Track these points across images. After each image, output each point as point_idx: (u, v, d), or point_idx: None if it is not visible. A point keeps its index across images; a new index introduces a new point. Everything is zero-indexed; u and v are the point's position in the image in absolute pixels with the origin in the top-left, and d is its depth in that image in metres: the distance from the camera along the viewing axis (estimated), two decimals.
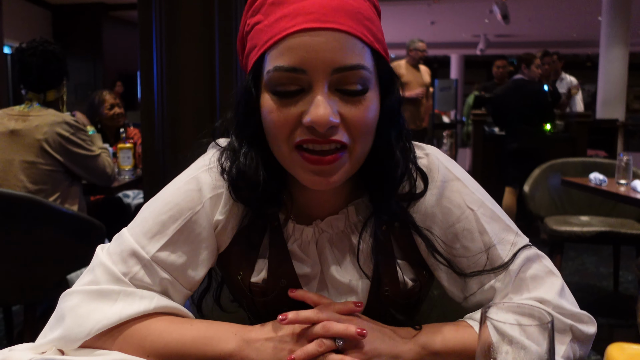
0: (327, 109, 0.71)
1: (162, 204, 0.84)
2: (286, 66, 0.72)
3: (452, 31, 14.18)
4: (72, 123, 2.39)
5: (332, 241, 0.88)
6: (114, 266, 0.80)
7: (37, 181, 2.32)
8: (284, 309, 0.84)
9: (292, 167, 0.77)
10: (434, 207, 0.86)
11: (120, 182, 2.89)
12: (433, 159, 0.88)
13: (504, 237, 0.85)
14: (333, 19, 0.72)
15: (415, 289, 0.88)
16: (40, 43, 2.44)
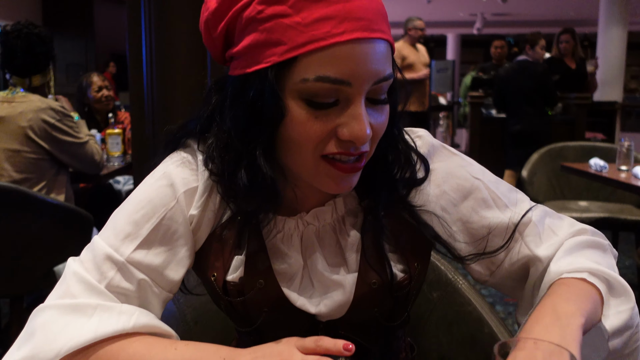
0: (367, 124, 0.68)
1: (134, 203, 0.79)
2: (332, 77, 0.66)
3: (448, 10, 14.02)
4: (57, 109, 2.30)
5: (319, 234, 0.83)
6: (88, 274, 0.73)
7: (22, 170, 2.25)
8: (264, 311, 0.81)
9: (313, 175, 0.73)
10: (442, 185, 0.84)
11: (110, 169, 2.82)
12: (428, 140, 0.86)
13: (514, 197, 0.85)
14: (379, 27, 0.68)
15: (404, 281, 0.83)
16: (25, 25, 2.35)
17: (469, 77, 6.97)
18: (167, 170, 0.81)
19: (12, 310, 2.25)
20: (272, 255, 0.82)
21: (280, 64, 0.67)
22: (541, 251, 0.81)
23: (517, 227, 0.83)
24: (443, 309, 1.13)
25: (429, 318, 1.15)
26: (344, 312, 0.82)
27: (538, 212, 0.84)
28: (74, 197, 2.54)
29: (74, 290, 0.72)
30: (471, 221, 0.84)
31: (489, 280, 0.87)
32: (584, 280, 0.73)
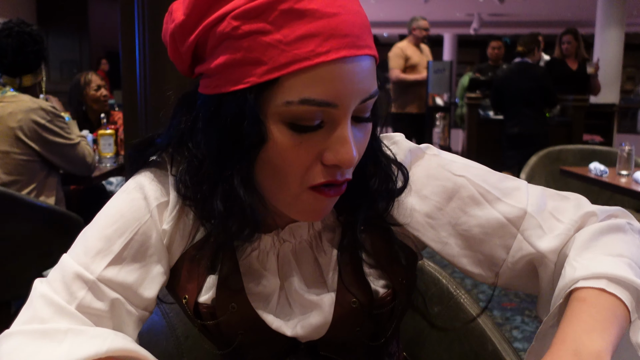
0: (354, 147, 0.64)
1: (105, 218, 0.73)
2: (318, 100, 0.61)
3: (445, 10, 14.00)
4: (48, 109, 2.25)
5: (295, 252, 0.78)
6: (56, 295, 0.68)
7: (11, 172, 2.20)
8: (239, 333, 0.77)
9: (293, 205, 0.68)
10: (422, 190, 0.78)
11: (102, 170, 2.76)
12: (405, 145, 0.80)
13: (506, 186, 0.77)
14: (364, 42, 0.63)
15: (387, 297, 0.78)
16: (17, 24, 2.30)
17: (466, 77, 6.94)
18: (140, 183, 0.76)
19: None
20: (246, 275, 0.77)
21: (260, 86, 0.62)
22: (544, 244, 0.73)
23: (513, 221, 0.75)
24: (443, 324, 1.09)
25: (429, 334, 1.11)
26: (322, 333, 0.78)
27: (535, 198, 0.76)
28: (64, 200, 2.48)
29: (42, 313, 0.67)
30: (460, 222, 0.77)
31: (497, 282, 0.79)
32: (603, 292, 0.63)
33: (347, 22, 0.62)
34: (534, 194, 0.76)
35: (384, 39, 20.71)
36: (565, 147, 3.68)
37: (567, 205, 0.76)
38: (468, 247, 0.78)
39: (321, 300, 0.76)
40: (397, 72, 5.68)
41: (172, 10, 0.68)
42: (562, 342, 0.60)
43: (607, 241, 0.70)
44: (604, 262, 0.66)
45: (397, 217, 0.78)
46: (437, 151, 0.81)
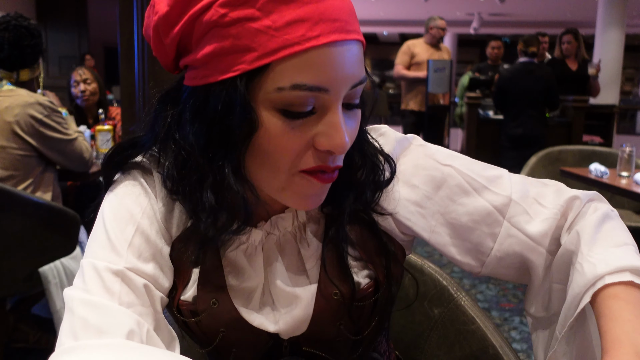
0: (346, 132, 0.64)
1: (111, 213, 0.72)
2: (309, 85, 0.60)
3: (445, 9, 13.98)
4: (46, 104, 2.23)
5: (280, 244, 0.77)
6: (95, 297, 0.64)
7: (7, 167, 2.17)
8: (220, 331, 0.76)
9: (283, 190, 0.67)
10: (412, 179, 0.79)
11: (99, 166, 2.73)
12: (392, 136, 0.81)
13: (490, 174, 0.79)
14: (353, 27, 0.64)
15: (369, 288, 0.78)
16: (14, 17, 2.27)
17: (466, 77, 6.91)
18: (131, 177, 0.75)
19: None
20: (229, 270, 0.76)
21: (251, 73, 0.61)
22: (534, 229, 0.74)
23: (499, 209, 0.76)
24: (444, 327, 1.07)
25: (429, 336, 1.09)
26: (304, 328, 0.77)
27: (518, 185, 0.78)
28: (61, 196, 2.46)
29: (93, 320, 0.62)
30: (449, 211, 0.77)
31: (482, 271, 0.79)
32: (630, 285, 0.63)
33: (335, 7, 0.62)
34: (516, 181, 0.78)
35: (383, 37, 20.68)
36: (565, 148, 3.67)
37: (549, 190, 0.78)
38: (457, 236, 0.78)
39: (302, 292, 0.76)
40: (400, 67, 5.68)
41: (155, 3, 0.66)
42: (619, 344, 0.58)
43: (608, 232, 0.70)
44: (618, 255, 0.66)
45: (386, 207, 0.78)
46: (422, 142, 0.82)
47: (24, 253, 2.07)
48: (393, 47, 12.97)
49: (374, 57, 22.52)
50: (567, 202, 0.75)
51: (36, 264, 2.09)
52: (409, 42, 5.81)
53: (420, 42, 5.71)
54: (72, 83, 3.40)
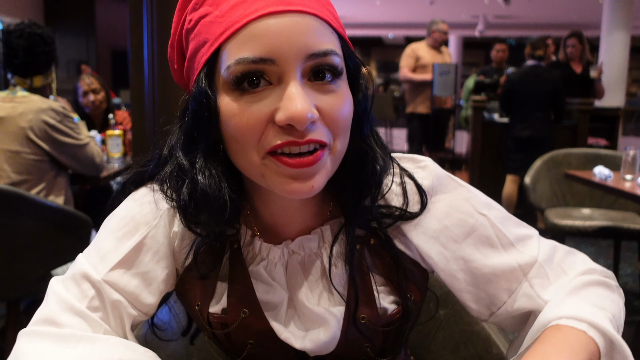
0: (304, 102, 0.61)
1: (117, 220, 0.76)
2: (251, 57, 0.62)
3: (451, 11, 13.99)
4: (58, 110, 2.27)
5: (304, 264, 0.79)
6: (69, 294, 0.71)
7: (21, 171, 2.22)
8: (249, 343, 0.78)
9: (264, 176, 0.67)
10: (444, 220, 0.78)
11: (110, 170, 2.78)
12: (433, 170, 0.80)
13: (521, 233, 0.80)
14: (299, 1, 0.64)
15: (396, 315, 0.79)
16: (28, 25, 2.32)
17: (471, 80, 6.93)
18: (150, 189, 0.78)
19: (8, 313, 2.22)
20: (255, 283, 0.78)
21: (208, 62, 0.66)
22: (548, 294, 0.76)
23: (523, 267, 0.77)
24: (450, 328, 1.11)
25: (435, 337, 1.12)
26: (331, 348, 0.78)
27: (546, 249, 0.79)
28: (73, 199, 2.51)
29: (56, 312, 0.70)
30: (472, 259, 0.77)
31: (488, 320, 0.81)
32: (581, 332, 0.67)
33: None
34: (545, 244, 0.80)
35: (389, 40, 20.69)
36: (570, 151, 3.68)
37: (575, 259, 0.80)
38: (474, 285, 0.78)
39: (330, 314, 0.76)
40: (405, 70, 5.71)
41: None
42: (531, 355, 0.64)
43: (594, 293, 0.74)
44: (587, 310, 0.70)
45: (416, 239, 0.78)
46: (463, 182, 0.82)
47: (37, 255, 2.11)
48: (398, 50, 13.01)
49: (380, 59, 22.52)
50: (585, 272, 0.78)
51: (49, 266, 2.13)
52: (412, 45, 5.84)
53: (423, 45, 5.75)
54: (80, 93, 3.44)
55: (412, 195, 0.78)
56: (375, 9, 13.91)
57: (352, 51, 0.71)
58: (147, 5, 2.32)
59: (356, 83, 0.72)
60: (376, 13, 14.68)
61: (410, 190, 0.78)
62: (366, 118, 0.73)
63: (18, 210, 2.03)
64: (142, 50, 2.38)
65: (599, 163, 3.34)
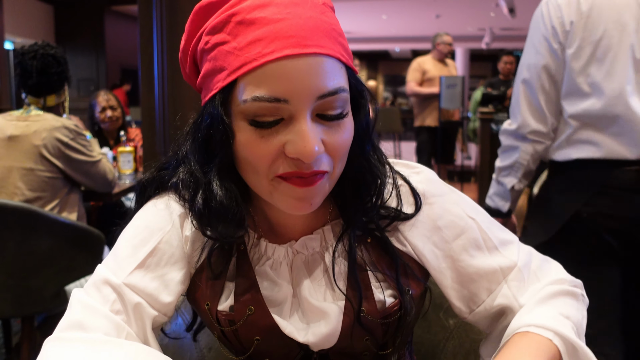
0: (313, 140, 0.67)
1: (132, 229, 0.81)
2: (267, 96, 0.67)
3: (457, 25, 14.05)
4: (71, 128, 2.32)
5: (308, 263, 0.84)
6: (91, 299, 0.75)
7: (35, 188, 2.26)
8: (255, 339, 0.82)
9: (271, 194, 0.74)
10: (437, 220, 0.84)
11: (121, 187, 2.82)
12: (427, 175, 0.87)
13: (504, 238, 0.87)
14: (313, 42, 0.68)
15: (394, 307, 0.83)
16: (42, 46, 2.37)
17: (478, 92, 6.95)
18: (165, 197, 0.84)
19: (23, 328, 2.25)
20: (261, 282, 0.83)
21: (225, 89, 0.70)
22: (523, 298, 0.83)
23: (503, 270, 0.84)
24: (460, 337, 1.12)
25: (445, 346, 1.13)
26: (333, 341, 0.82)
27: (524, 255, 0.86)
28: (86, 216, 2.54)
29: (80, 317, 0.73)
30: (460, 259, 0.84)
31: (467, 317, 0.88)
32: (546, 339, 0.75)
33: (293, 25, 0.67)
34: (523, 250, 0.87)
35: (396, 54, 20.78)
36: None
37: (549, 267, 0.88)
38: (459, 282, 0.85)
39: (330, 308, 0.81)
40: (412, 84, 5.74)
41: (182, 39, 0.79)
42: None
43: (562, 303, 0.81)
44: (553, 318, 0.77)
45: (411, 238, 0.84)
46: (454, 188, 0.89)
47: (51, 271, 2.14)
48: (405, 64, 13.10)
49: (386, 73, 22.61)
50: (557, 282, 0.85)
51: (63, 282, 2.16)
52: (418, 59, 5.89)
53: (429, 59, 5.79)
54: (97, 109, 3.51)
55: (406, 198, 0.84)
56: (381, 23, 14.00)
57: (356, 76, 0.76)
58: (157, 24, 2.37)
59: (358, 104, 0.77)
60: (383, 27, 14.77)
61: (406, 193, 0.84)
62: (367, 137, 0.78)
63: (33, 227, 2.07)
64: (153, 68, 2.42)
65: None
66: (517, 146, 1.74)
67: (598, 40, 1.52)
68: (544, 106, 1.64)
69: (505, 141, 1.79)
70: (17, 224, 2.03)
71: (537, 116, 1.66)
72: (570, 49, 1.56)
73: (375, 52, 20.33)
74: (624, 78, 1.50)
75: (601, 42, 1.51)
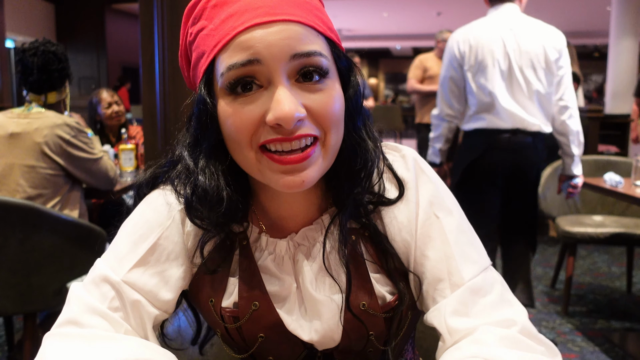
0: (291, 103, 0.67)
1: (132, 224, 0.81)
2: (240, 61, 0.68)
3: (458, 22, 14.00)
4: (73, 125, 2.32)
5: (309, 254, 0.83)
6: (89, 295, 0.75)
7: (37, 185, 2.26)
8: (259, 337, 0.81)
9: (260, 172, 0.72)
10: (412, 209, 0.81)
11: (123, 184, 2.82)
12: (409, 159, 0.84)
13: (467, 252, 0.78)
14: (282, 11, 0.69)
15: (394, 302, 0.82)
16: (42, 43, 2.37)
17: None
18: (161, 193, 0.83)
19: (25, 326, 2.25)
20: (265, 277, 0.82)
21: (206, 72, 0.72)
22: (454, 323, 0.73)
23: (451, 284, 0.76)
24: None
25: None
26: (337, 339, 0.81)
27: (483, 282, 0.76)
28: (87, 213, 2.54)
29: (78, 314, 0.73)
30: (417, 254, 0.80)
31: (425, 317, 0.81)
32: None
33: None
34: (486, 278, 0.76)
35: (397, 51, 20.76)
36: None
37: (506, 307, 0.75)
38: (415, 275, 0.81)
39: (331, 301, 0.80)
40: (413, 82, 5.74)
41: None
42: None
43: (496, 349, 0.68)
44: None
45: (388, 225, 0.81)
46: (435, 179, 0.83)
47: (53, 268, 2.14)
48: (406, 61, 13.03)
49: (387, 71, 22.60)
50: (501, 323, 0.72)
51: (65, 279, 2.16)
52: (420, 57, 5.88)
53: (432, 56, 5.78)
54: (101, 105, 3.52)
55: (390, 183, 0.82)
56: (382, 20, 13.99)
57: (342, 52, 0.76)
58: (158, 22, 2.37)
59: (347, 80, 0.76)
60: (384, 25, 14.76)
61: (389, 179, 0.82)
62: (357, 112, 0.78)
63: (35, 225, 2.07)
64: (154, 66, 2.42)
65: (609, 170, 3.33)
66: (439, 124, 2.94)
67: (480, 61, 2.69)
68: (452, 99, 2.84)
69: (434, 121, 2.97)
70: (19, 221, 2.03)
71: (448, 105, 2.86)
72: (465, 66, 2.74)
73: (376, 50, 20.31)
74: (495, 82, 2.67)
75: (482, 62, 2.69)
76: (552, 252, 4.50)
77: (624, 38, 8.22)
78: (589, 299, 3.60)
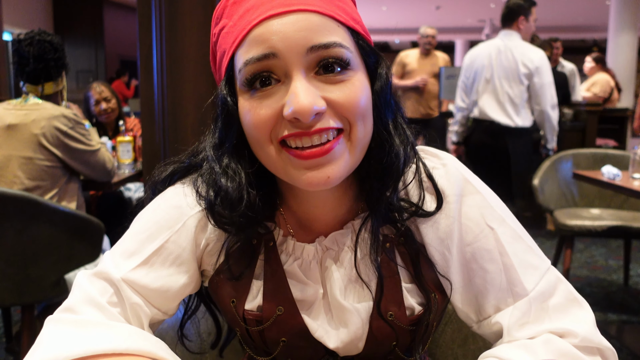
0: (308, 96, 0.64)
1: (143, 222, 0.79)
2: (256, 56, 0.66)
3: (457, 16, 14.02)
4: (70, 117, 2.31)
5: (338, 259, 0.80)
6: (92, 287, 0.74)
7: (34, 177, 2.26)
8: (282, 341, 0.79)
9: (284, 170, 0.70)
10: (452, 223, 0.77)
11: (120, 176, 2.81)
12: (451, 169, 0.79)
13: (526, 260, 0.76)
14: (300, 1, 0.66)
15: (421, 313, 0.79)
16: (38, 33, 2.36)
17: None
18: (177, 192, 0.81)
19: (23, 317, 2.25)
20: (292, 282, 0.80)
21: (227, 70, 0.71)
22: (521, 332, 0.73)
23: (514, 294, 0.74)
24: (458, 322, 1.12)
25: (444, 331, 1.14)
26: (361, 346, 0.79)
27: (545, 286, 0.74)
28: (85, 205, 2.54)
29: (77, 303, 0.73)
30: (470, 268, 0.77)
31: (474, 326, 0.81)
32: None
33: None
34: (548, 281, 0.75)
35: (395, 45, 20.73)
36: (578, 151, 3.68)
37: (569, 312, 0.74)
38: (465, 289, 0.78)
39: (359, 308, 0.78)
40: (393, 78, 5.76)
41: None
42: None
43: None
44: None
45: (426, 237, 0.78)
46: (482, 188, 0.80)
47: (51, 260, 2.14)
48: None
49: None
50: (563, 332, 0.72)
51: (63, 271, 2.16)
52: (401, 53, 5.93)
53: (414, 52, 5.81)
54: (92, 102, 3.49)
55: (429, 193, 0.78)
56: (381, 14, 13.95)
57: (368, 43, 0.73)
58: (156, 15, 2.36)
59: (374, 73, 0.73)
60: (383, 19, 14.73)
61: (428, 188, 0.78)
62: (386, 107, 0.74)
63: (33, 216, 2.06)
64: (152, 59, 2.41)
65: (607, 163, 3.33)
66: (457, 113, 4.04)
67: (474, 73, 3.87)
68: (463, 96, 3.97)
69: (454, 111, 4.10)
70: (17, 212, 2.03)
71: (461, 100, 3.99)
72: (467, 74, 3.93)
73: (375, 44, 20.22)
74: (480, 86, 3.82)
75: (475, 72, 3.86)
76: (549, 246, 4.51)
77: (623, 32, 8.22)
78: (586, 292, 3.61)
